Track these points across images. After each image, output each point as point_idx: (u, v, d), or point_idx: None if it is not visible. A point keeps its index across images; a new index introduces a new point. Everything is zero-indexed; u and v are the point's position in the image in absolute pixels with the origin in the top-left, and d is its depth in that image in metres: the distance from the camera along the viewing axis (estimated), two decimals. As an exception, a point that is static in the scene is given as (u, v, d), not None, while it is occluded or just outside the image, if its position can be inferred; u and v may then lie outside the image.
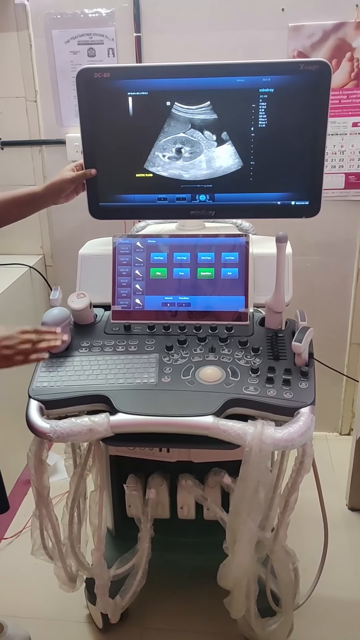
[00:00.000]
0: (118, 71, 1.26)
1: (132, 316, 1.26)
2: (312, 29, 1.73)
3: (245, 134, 1.26)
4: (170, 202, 1.33)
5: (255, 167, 1.28)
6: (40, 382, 1.11)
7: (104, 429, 1.01)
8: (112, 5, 1.77)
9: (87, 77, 1.24)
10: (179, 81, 1.25)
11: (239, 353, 1.15)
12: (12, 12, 1.79)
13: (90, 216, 1.36)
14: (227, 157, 1.28)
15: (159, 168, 1.30)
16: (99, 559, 1.23)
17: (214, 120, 1.25)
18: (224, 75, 1.23)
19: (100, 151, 1.29)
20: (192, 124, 1.26)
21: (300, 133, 1.24)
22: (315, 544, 1.30)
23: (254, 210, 1.33)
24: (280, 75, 1.21)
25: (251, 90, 1.23)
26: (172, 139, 1.28)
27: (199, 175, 1.30)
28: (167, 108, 1.26)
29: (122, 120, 1.27)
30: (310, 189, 1.28)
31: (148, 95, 1.25)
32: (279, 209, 1.31)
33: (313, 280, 1.99)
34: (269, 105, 1.23)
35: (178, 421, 1.01)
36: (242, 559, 1.12)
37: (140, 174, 1.31)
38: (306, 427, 0.99)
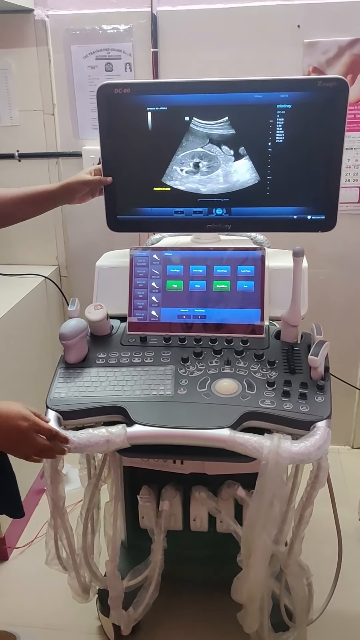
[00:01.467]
0: (138, 87, 1.29)
1: (148, 328, 1.27)
2: (327, 45, 1.75)
3: (262, 149, 1.27)
4: (187, 215, 1.34)
5: (272, 182, 1.29)
6: (57, 393, 1.12)
7: (120, 440, 1.01)
8: (130, 22, 1.80)
9: (107, 92, 1.27)
10: (197, 97, 1.27)
11: (254, 366, 1.15)
12: (32, 28, 1.82)
13: (106, 227, 1.38)
14: (244, 171, 1.29)
15: (176, 182, 1.32)
16: (113, 570, 1.24)
17: (231, 135, 1.27)
18: (242, 91, 1.25)
19: (119, 165, 1.31)
20: (210, 139, 1.28)
21: (317, 148, 1.26)
22: (328, 558, 1.30)
23: (270, 224, 1.34)
24: (298, 92, 1.23)
25: (269, 106, 1.24)
26: (190, 153, 1.30)
27: (216, 189, 1.31)
28: (186, 123, 1.28)
29: (141, 134, 1.29)
30: (326, 204, 1.30)
31: (167, 110, 1.27)
32: (295, 223, 1.32)
33: (326, 293, 2.00)
34: (287, 120, 1.25)
35: (195, 433, 1.02)
36: (256, 573, 1.12)
37: (158, 187, 1.32)
38: (323, 441, 0.99)
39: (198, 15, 1.78)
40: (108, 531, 1.22)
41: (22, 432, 0.97)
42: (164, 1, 1.78)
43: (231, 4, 1.76)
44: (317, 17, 1.73)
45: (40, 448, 0.99)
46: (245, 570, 1.16)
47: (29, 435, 0.98)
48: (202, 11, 1.77)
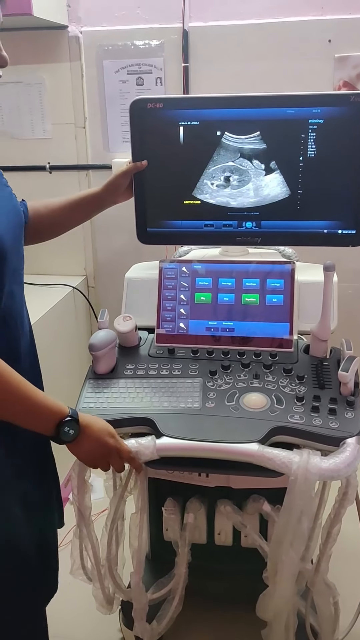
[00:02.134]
0: (170, 102, 1.30)
1: (176, 340, 1.27)
2: (358, 59, 1.75)
3: (293, 164, 1.27)
4: (217, 228, 1.34)
5: (303, 196, 1.29)
6: (86, 403, 1.13)
7: (150, 452, 1.02)
8: (161, 37, 1.83)
9: (140, 107, 1.28)
10: (229, 112, 1.28)
11: (283, 380, 1.14)
12: (66, 44, 1.87)
13: (133, 239, 1.39)
14: (274, 185, 1.29)
15: (207, 195, 1.32)
16: (137, 583, 1.23)
17: (263, 149, 1.28)
18: (274, 107, 1.26)
19: (150, 178, 1.32)
20: (241, 153, 1.29)
21: (348, 163, 1.25)
22: (354, 577, 1.28)
23: (300, 238, 1.34)
24: (330, 107, 1.23)
25: (301, 121, 1.24)
26: (221, 167, 1.30)
27: (246, 203, 1.32)
28: (217, 137, 1.28)
29: (173, 148, 1.30)
30: (357, 218, 1.29)
31: (199, 125, 1.28)
32: (325, 237, 1.32)
33: (354, 308, 1.98)
34: (318, 135, 1.25)
35: (223, 447, 1.01)
36: (283, 590, 1.10)
37: (188, 201, 1.33)
38: (353, 458, 0.98)
39: (229, 31, 1.80)
40: (133, 543, 1.22)
41: (107, 448, 1.01)
42: (195, 17, 1.81)
43: (262, 19, 1.78)
44: (347, 32, 1.74)
45: (116, 467, 1.04)
46: (271, 587, 1.15)
47: (112, 452, 1.02)
48: (233, 27, 1.80)
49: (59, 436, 0.95)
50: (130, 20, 1.85)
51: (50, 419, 0.95)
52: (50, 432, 0.95)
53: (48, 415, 0.95)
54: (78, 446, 0.99)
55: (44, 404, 0.95)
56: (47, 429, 0.95)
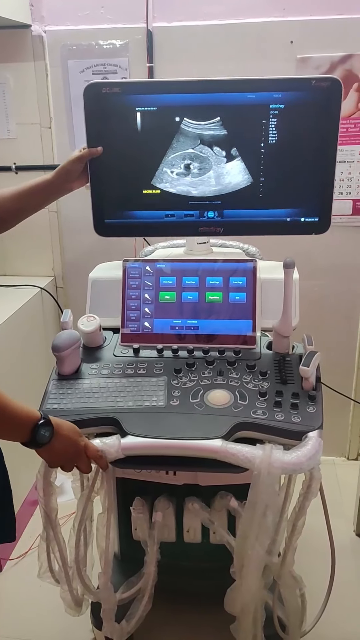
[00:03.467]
0: (127, 86, 1.26)
1: (141, 339, 1.28)
2: (319, 60, 1.78)
3: (255, 150, 1.25)
4: (178, 218, 1.32)
5: (265, 183, 1.27)
6: (50, 404, 1.12)
7: (114, 451, 1.02)
8: (126, 37, 1.83)
9: (95, 91, 1.23)
10: (188, 97, 1.24)
11: (247, 377, 1.16)
12: (30, 43, 1.86)
13: (102, 238, 1.36)
14: (236, 173, 1.27)
15: (166, 184, 1.29)
16: (105, 583, 1.23)
17: (223, 136, 1.25)
18: (235, 91, 1.23)
19: (106, 167, 1.27)
20: (201, 140, 1.26)
21: (310, 149, 1.24)
22: (321, 571, 1.29)
23: (263, 227, 1.32)
24: (291, 92, 1.21)
25: (262, 106, 1.22)
26: (180, 154, 1.27)
27: (207, 192, 1.29)
28: (176, 124, 1.25)
29: (130, 135, 1.26)
30: (320, 205, 1.28)
31: (157, 110, 1.24)
32: (288, 225, 1.30)
33: (321, 304, 2.01)
34: (280, 121, 1.23)
35: (187, 444, 1.02)
36: (250, 584, 1.11)
37: (147, 190, 1.29)
38: (314, 451, 1.00)
39: (193, 31, 1.81)
40: (101, 543, 1.21)
41: (77, 448, 1.02)
42: (159, 17, 1.82)
43: (225, 20, 1.79)
44: (309, 33, 1.77)
45: (83, 467, 1.06)
46: (238, 582, 1.16)
47: (81, 452, 1.03)
48: (196, 27, 1.81)
49: (34, 440, 0.95)
50: (94, 20, 1.84)
51: (25, 424, 0.95)
52: (25, 437, 0.95)
53: (23, 420, 0.95)
54: (49, 448, 0.99)
55: (19, 410, 0.95)
56: (22, 434, 0.95)
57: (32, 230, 2.02)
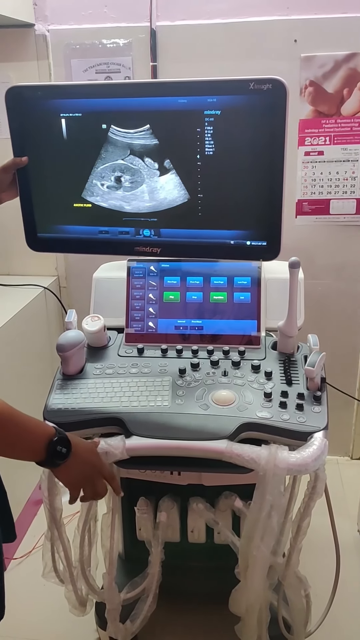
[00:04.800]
0: (49, 90, 1.18)
1: (145, 339, 1.27)
2: (323, 59, 1.77)
3: (190, 162, 1.14)
4: (113, 235, 1.23)
5: (204, 201, 1.16)
6: (54, 404, 1.12)
7: (119, 452, 1.02)
8: (129, 36, 1.82)
9: (16, 95, 1.15)
10: (114, 101, 1.14)
11: (251, 377, 1.16)
12: (33, 42, 1.85)
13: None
14: (171, 188, 1.17)
15: (97, 198, 1.20)
16: (110, 583, 1.23)
17: (154, 145, 1.15)
18: (164, 95, 1.13)
19: (34, 177, 1.19)
20: (131, 150, 1.16)
21: (253, 161, 1.12)
22: (326, 570, 1.29)
23: (205, 249, 1.21)
24: (228, 95, 1.10)
25: (195, 112, 1.11)
26: (110, 166, 1.18)
27: (141, 208, 1.20)
28: (103, 131, 1.15)
29: (56, 144, 1.17)
30: (267, 228, 1.16)
31: (82, 116, 1.15)
32: (232, 249, 1.19)
33: (325, 304, 2.00)
34: (216, 129, 1.11)
35: (192, 445, 1.02)
36: (254, 585, 1.11)
37: (78, 203, 1.21)
38: (320, 452, 1.00)
39: (196, 30, 1.80)
40: (105, 543, 1.22)
41: (94, 467, 0.98)
42: (162, 16, 1.81)
43: (229, 19, 1.79)
44: (313, 32, 1.76)
45: (100, 489, 1.00)
46: (243, 582, 1.16)
47: (97, 475, 0.99)
48: (200, 26, 1.80)
49: (51, 458, 0.90)
50: (97, 19, 1.84)
51: (40, 440, 0.89)
52: (40, 455, 0.89)
53: (37, 436, 0.88)
54: (67, 467, 0.93)
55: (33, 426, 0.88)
56: (37, 452, 0.89)
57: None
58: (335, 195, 1.89)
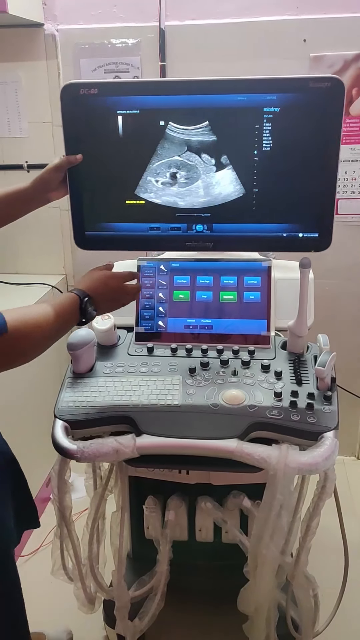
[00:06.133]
0: (107, 87, 1.16)
1: (155, 338, 1.28)
2: (333, 59, 1.77)
3: (247, 158, 1.15)
4: (164, 232, 1.22)
5: (259, 195, 1.17)
6: (65, 403, 1.12)
7: (130, 450, 1.02)
8: (138, 36, 1.83)
9: (72, 93, 1.14)
10: (174, 98, 1.14)
11: (261, 377, 1.16)
12: (42, 42, 1.86)
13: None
14: (227, 183, 1.17)
15: (151, 194, 1.20)
16: (119, 581, 1.23)
17: (212, 142, 1.15)
18: (224, 93, 1.12)
19: (86, 174, 1.18)
20: (188, 147, 1.16)
21: (309, 157, 1.13)
22: (334, 570, 1.29)
23: (257, 243, 1.22)
24: (287, 93, 1.10)
25: (254, 110, 1.11)
26: (166, 162, 1.17)
27: (195, 203, 1.19)
28: (161, 128, 1.15)
29: (111, 141, 1.16)
30: (320, 220, 1.18)
31: (140, 114, 1.14)
32: (284, 242, 1.20)
33: (332, 304, 2.00)
34: (274, 126, 1.12)
35: (203, 444, 1.02)
36: (263, 584, 1.12)
37: (130, 200, 1.20)
38: (330, 452, 1.00)
39: (205, 30, 1.80)
40: (114, 541, 1.22)
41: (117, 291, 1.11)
42: (171, 16, 1.81)
43: (238, 18, 1.79)
44: (322, 31, 1.76)
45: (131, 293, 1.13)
46: (252, 581, 1.16)
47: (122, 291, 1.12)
48: (209, 25, 1.80)
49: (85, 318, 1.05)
50: (106, 19, 1.84)
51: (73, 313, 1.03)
52: (77, 320, 1.04)
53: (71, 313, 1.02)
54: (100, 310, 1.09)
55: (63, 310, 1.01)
56: (74, 320, 1.04)
57: (43, 228, 2.03)
58: (343, 195, 1.89)
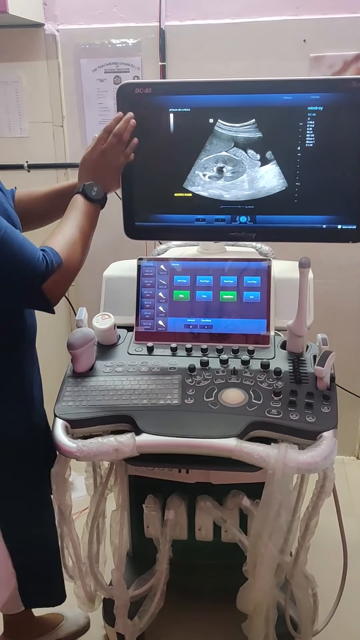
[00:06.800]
0: (160, 87, 1.25)
1: (155, 337, 1.28)
2: (333, 59, 1.77)
3: (291, 154, 1.22)
4: (209, 223, 1.30)
5: (301, 189, 1.24)
6: (65, 402, 1.13)
7: (129, 449, 1.02)
8: (138, 36, 1.83)
9: (128, 92, 1.22)
10: (223, 98, 1.22)
11: (261, 376, 1.16)
12: (43, 42, 1.86)
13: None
14: (271, 177, 1.25)
15: (198, 187, 1.28)
16: (119, 580, 1.24)
17: (258, 138, 1.23)
18: (271, 92, 1.20)
19: (138, 169, 1.26)
20: (235, 143, 1.24)
21: (349, 153, 1.21)
22: (333, 570, 1.30)
23: (298, 234, 1.29)
24: (330, 93, 1.18)
25: (299, 108, 1.19)
26: (213, 157, 1.25)
27: (240, 196, 1.27)
28: (210, 125, 1.23)
29: (163, 137, 1.24)
30: (358, 213, 1.25)
31: (190, 112, 1.22)
32: (324, 233, 1.27)
33: (331, 304, 2.01)
34: (317, 123, 1.19)
35: (202, 443, 1.03)
36: (263, 583, 1.12)
37: (179, 193, 1.28)
38: (329, 451, 1.00)
39: (205, 30, 1.81)
40: (114, 540, 1.23)
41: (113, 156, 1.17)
42: (172, 16, 1.82)
43: (238, 19, 1.79)
44: (322, 32, 1.77)
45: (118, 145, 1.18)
46: (251, 580, 1.16)
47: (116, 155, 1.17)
48: (209, 26, 1.81)
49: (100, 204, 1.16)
50: (106, 19, 1.85)
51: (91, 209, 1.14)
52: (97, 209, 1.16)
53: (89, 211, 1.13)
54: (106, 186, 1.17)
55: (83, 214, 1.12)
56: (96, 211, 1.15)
57: (43, 229, 2.03)
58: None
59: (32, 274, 0.98)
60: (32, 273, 0.98)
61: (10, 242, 0.96)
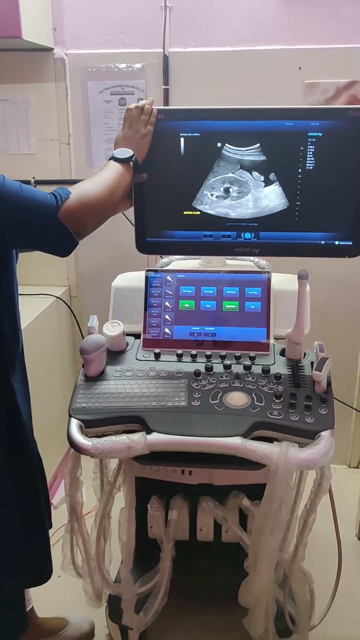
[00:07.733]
0: (171, 113, 1.34)
1: (162, 344, 1.35)
2: (326, 86, 1.88)
3: (292, 176, 1.32)
4: (216, 239, 1.39)
5: (301, 208, 1.34)
6: (79, 403, 1.19)
7: (141, 447, 1.09)
8: (143, 61, 1.93)
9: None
10: (230, 124, 1.31)
11: (262, 380, 1.23)
12: (52, 65, 1.95)
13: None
14: (273, 197, 1.34)
15: (206, 206, 1.37)
16: (127, 574, 1.29)
17: (262, 161, 1.32)
18: (274, 119, 1.30)
19: (150, 189, 1.35)
20: (241, 165, 1.33)
21: (346, 176, 1.30)
22: (327, 570, 1.34)
23: (298, 249, 1.38)
24: (329, 120, 1.28)
25: (300, 134, 1.29)
26: (221, 178, 1.34)
27: (245, 214, 1.36)
28: (218, 149, 1.32)
29: (173, 159, 1.33)
30: (354, 230, 1.35)
31: (200, 136, 1.31)
32: (322, 248, 1.37)
33: (325, 316, 2.09)
34: (317, 148, 1.29)
35: (209, 441, 1.09)
36: (264, 577, 1.18)
37: (188, 211, 1.37)
38: (327, 449, 1.07)
39: (206, 57, 1.91)
40: (122, 537, 1.28)
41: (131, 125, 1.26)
42: (175, 43, 1.92)
43: (238, 47, 1.90)
44: (316, 60, 1.88)
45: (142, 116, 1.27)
46: (252, 575, 1.22)
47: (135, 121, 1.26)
48: (210, 53, 1.91)
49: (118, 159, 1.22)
50: (113, 44, 1.94)
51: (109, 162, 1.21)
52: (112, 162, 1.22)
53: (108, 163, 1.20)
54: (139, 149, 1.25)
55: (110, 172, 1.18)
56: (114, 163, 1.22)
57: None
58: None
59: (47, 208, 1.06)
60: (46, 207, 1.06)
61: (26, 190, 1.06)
